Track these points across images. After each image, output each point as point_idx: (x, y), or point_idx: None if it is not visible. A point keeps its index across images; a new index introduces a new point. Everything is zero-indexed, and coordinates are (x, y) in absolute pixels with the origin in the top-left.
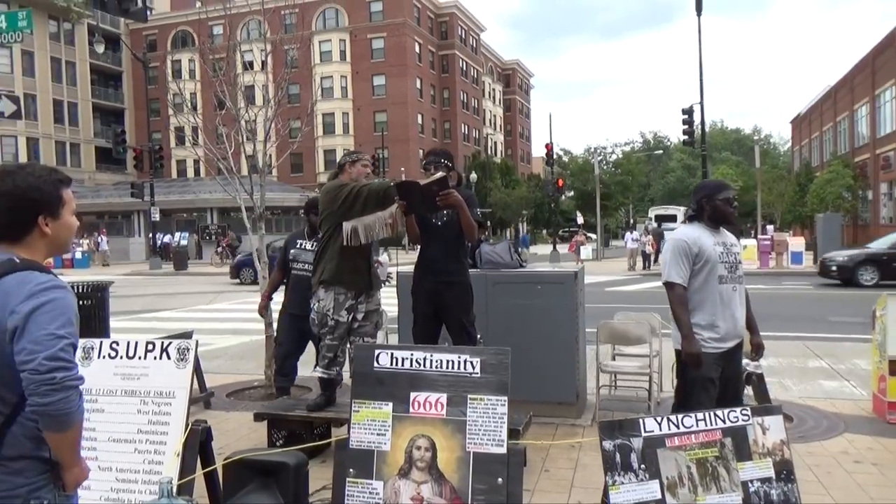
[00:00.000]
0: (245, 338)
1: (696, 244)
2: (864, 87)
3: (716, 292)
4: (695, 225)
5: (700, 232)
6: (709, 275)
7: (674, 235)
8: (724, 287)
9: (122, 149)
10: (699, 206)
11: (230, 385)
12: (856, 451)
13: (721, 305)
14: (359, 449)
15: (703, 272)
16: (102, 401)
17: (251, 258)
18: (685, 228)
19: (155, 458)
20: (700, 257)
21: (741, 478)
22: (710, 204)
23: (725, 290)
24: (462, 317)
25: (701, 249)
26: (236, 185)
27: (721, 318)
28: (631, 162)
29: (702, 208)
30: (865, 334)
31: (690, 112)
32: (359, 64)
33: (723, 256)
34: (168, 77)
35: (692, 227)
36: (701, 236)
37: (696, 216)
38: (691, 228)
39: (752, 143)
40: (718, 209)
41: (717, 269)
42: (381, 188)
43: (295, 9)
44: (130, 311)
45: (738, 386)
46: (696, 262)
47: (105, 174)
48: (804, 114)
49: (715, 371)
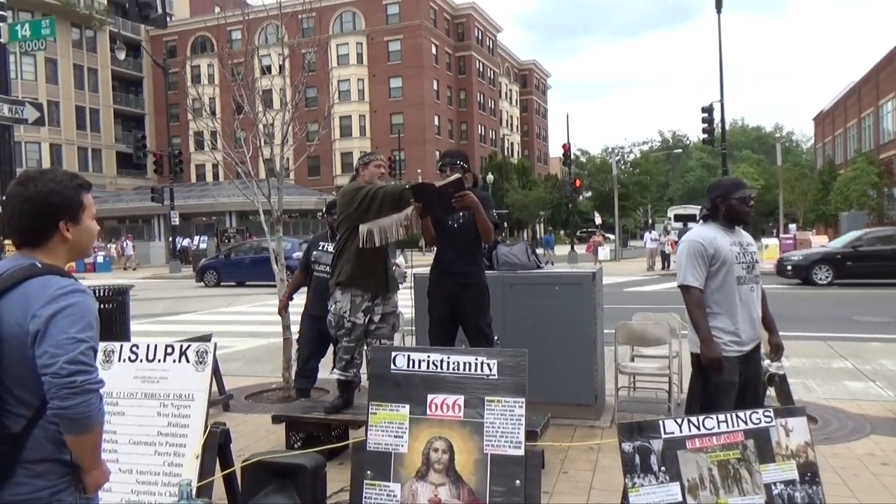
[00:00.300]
0: (263, 340)
1: (711, 245)
2: (890, 82)
3: (734, 294)
4: (710, 225)
5: (715, 232)
6: (726, 276)
7: (688, 237)
8: (742, 288)
9: (143, 154)
10: (714, 206)
11: (248, 387)
12: (882, 452)
13: (740, 307)
14: (376, 451)
15: (721, 273)
16: (123, 403)
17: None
18: (700, 229)
19: (174, 461)
20: (716, 258)
21: (764, 480)
22: (725, 203)
23: (744, 291)
24: (479, 319)
25: (717, 250)
26: (254, 188)
27: (740, 321)
28: (649, 161)
29: (717, 208)
30: (891, 334)
31: (710, 110)
32: (375, 66)
33: (739, 257)
34: (187, 82)
35: (707, 228)
36: (716, 237)
37: (710, 216)
38: (706, 229)
39: (774, 141)
40: (734, 208)
41: (735, 269)
42: (397, 190)
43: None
44: (151, 314)
45: (758, 388)
46: (713, 264)
47: (126, 179)
48: (827, 110)
49: (735, 375)
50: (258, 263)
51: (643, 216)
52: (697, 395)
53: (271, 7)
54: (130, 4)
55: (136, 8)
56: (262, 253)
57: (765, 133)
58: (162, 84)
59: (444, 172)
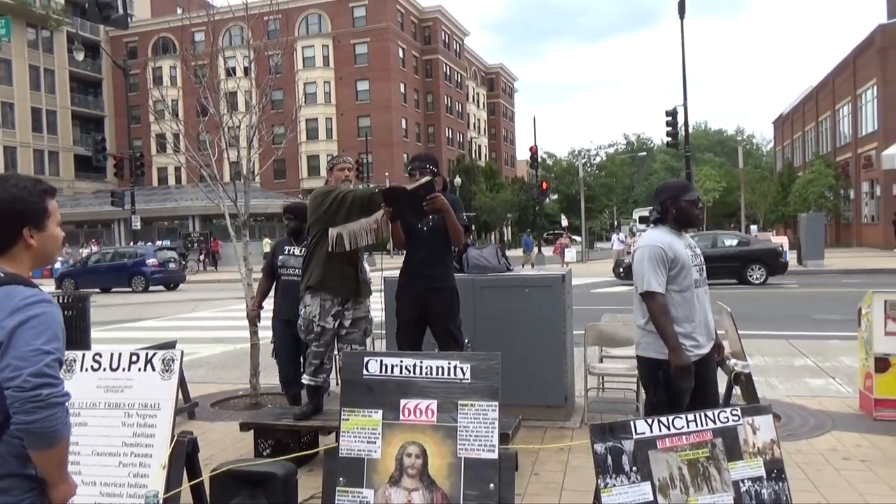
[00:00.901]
0: (228, 346)
1: (671, 249)
2: (846, 87)
3: (693, 297)
4: (662, 229)
5: (671, 236)
6: (685, 280)
7: (647, 242)
8: (698, 291)
9: (103, 157)
10: (664, 209)
11: (214, 395)
12: (843, 447)
13: (697, 310)
14: (349, 457)
15: (679, 277)
16: (85, 414)
17: (74, 269)
18: (655, 234)
19: (140, 471)
20: (676, 262)
21: (732, 477)
22: (675, 206)
23: (700, 294)
24: (449, 322)
25: (676, 255)
26: (220, 191)
27: (698, 324)
28: (615, 164)
29: (667, 210)
30: (850, 332)
31: (674, 114)
32: (342, 69)
33: (693, 259)
34: (149, 84)
35: (662, 232)
36: (673, 241)
37: (661, 219)
38: (661, 233)
39: (736, 144)
40: (684, 211)
41: (692, 273)
42: (366, 195)
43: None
44: (112, 321)
45: (713, 389)
46: (672, 268)
47: (85, 182)
48: (786, 114)
49: (693, 379)
50: (115, 270)
51: (609, 218)
52: (658, 403)
53: (237, 8)
54: (90, 5)
55: (95, 8)
56: (119, 260)
57: (727, 136)
58: (122, 86)
59: (413, 176)
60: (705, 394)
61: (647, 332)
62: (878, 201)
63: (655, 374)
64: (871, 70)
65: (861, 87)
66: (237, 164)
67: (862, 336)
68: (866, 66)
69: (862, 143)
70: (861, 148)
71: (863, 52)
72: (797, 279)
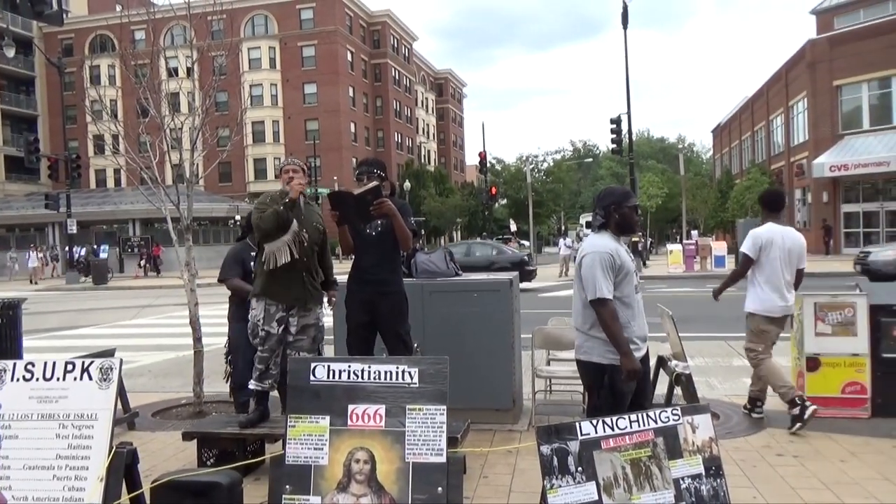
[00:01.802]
0: (170, 354)
1: (618, 255)
2: (779, 98)
3: (634, 301)
4: (605, 234)
5: (616, 243)
6: (628, 285)
7: (594, 248)
8: (638, 296)
9: (36, 158)
10: (607, 214)
11: (156, 404)
12: (777, 444)
13: (638, 313)
14: (295, 464)
15: (624, 283)
16: (16, 426)
17: None
18: (600, 239)
19: (76, 485)
20: (623, 268)
21: (673, 475)
22: (618, 211)
23: (640, 298)
24: (398, 326)
25: (623, 261)
26: (161, 195)
27: (638, 327)
28: (562, 170)
29: (610, 216)
30: (784, 333)
31: (618, 121)
32: (289, 71)
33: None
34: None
35: (606, 238)
36: (618, 247)
37: (605, 224)
38: (606, 239)
39: (677, 152)
40: (626, 217)
41: (634, 278)
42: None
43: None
44: (45, 328)
45: (647, 384)
46: (618, 274)
47: (16, 184)
48: (724, 123)
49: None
50: None
51: (556, 223)
52: (600, 405)
53: (178, 7)
54: (22, 0)
55: (28, 3)
56: None
57: (668, 144)
58: (57, 84)
59: (360, 181)
60: (643, 389)
61: (591, 337)
62: (810, 208)
63: (600, 377)
64: (802, 83)
65: (793, 99)
66: (180, 167)
67: (794, 337)
68: (797, 79)
69: (795, 152)
70: (794, 157)
71: (794, 65)
72: None
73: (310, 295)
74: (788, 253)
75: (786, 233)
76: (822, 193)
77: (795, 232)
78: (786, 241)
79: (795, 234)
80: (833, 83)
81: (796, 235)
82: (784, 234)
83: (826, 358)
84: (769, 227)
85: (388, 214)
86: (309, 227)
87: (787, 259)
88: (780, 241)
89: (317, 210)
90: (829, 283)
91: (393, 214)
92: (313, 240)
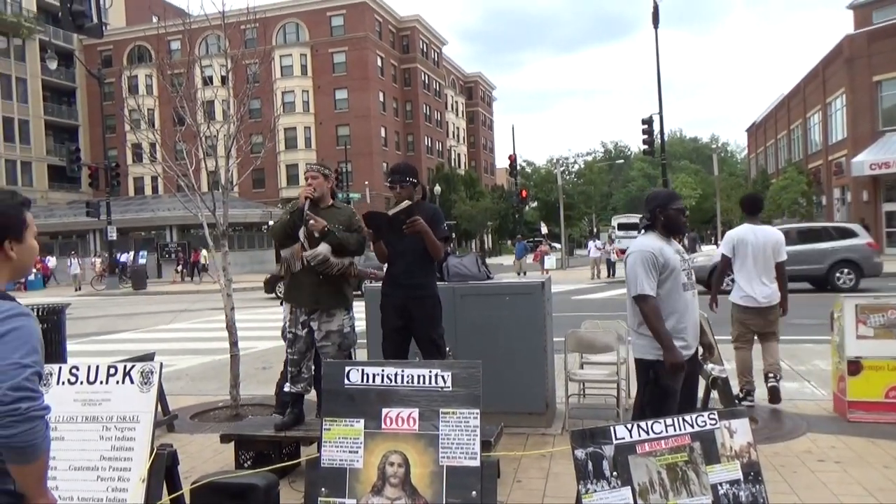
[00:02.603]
0: (206, 358)
1: (661, 254)
2: (816, 95)
3: (681, 300)
4: (651, 235)
5: (660, 242)
6: (674, 283)
7: (638, 248)
8: (687, 294)
9: (77, 167)
10: (653, 216)
11: (194, 406)
12: (819, 449)
13: (686, 312)
14: (331, 467)
15: (669, 281)
16: (62, 428)
17: None
18: (646, 240)
19: (119, 486)
20: (666, 267)
21: (710, 481)
22: (664, 213)
23: (688, 297)
24: (431, 331)
25: (666, 259)
26: (198, 201)
27: (686, 325)
28: (593, 172)
29: (656, 218)
30: (822, 335)
31: (650, 122)
32: (320, 78)
33: (682, 264)
34: (125, 93)
35: (652, 238)
36: (663, 246)
37: (651, 226)
38: (651, 239)
39: (710, 152)
40: (672, 218)
41: (681, 276)
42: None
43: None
44: (87, 333)
45: (695, 386)
46: (663, 272)
47: (59, 193)
48: (759, 122)
49: (682, 379)
50: None
51: (588, 225)
52: (647, 402)
53: (213, 16)
54: (63, 13)
55: (69, 17)
56: None
57: (702, 144)
58: (97, 95)
59: (393, 188)
60: (691, 391)
61: (640, 335)
62: (849, 207)
63: (646, 373)
64: (840, 79)
65: (830, 96)
66: (215, 174)
67: (835, 340)
68: (835, 75)
69: (833, 150)
70: (832, 155)
71: (831, 61)
72: None
73: (331, 299)
74: (763, 248)
75: (758, 230)
76: (861, 192)
77: (770, 229)
78: (758, 238)
79: (769, 231)
80: (872, 79)
81: (770, 231)
82: (756, 232)
83: (868, 361)
84: (743, 227)
85: (420, 232)
86: None
87: (763, 254)
88: (752, 238)
89: (344, 211)
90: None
91: (424, 232)
92: None
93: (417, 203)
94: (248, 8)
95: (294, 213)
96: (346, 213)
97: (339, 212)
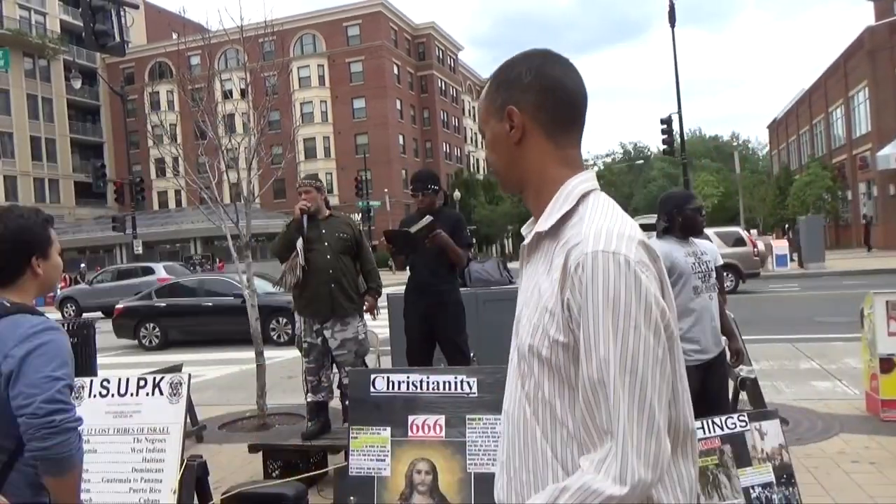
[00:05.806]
0: (234, 368)
1: (668, 259)
2: (838, 89)
3: (692, 305)
4: (665, 239)
5: (671, 246)
6: (683, 288)
7: None
8: (699, 298)
9: (103, 183)
10: (670, 218)
11: (222, 417)
12: (852, 450)
13: (698, 317)
14: (359, 476)
15: (677, 286)
16: (95, 440)
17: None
18: (655, 243)
19: (151, 497)
20: (672, 271)
21: (742, 484)
22: (680, 214)
23: (702, 301)
24: (455, 336)
25: (673, 264)
26: (221, 213)
27: (699, 330)
28: (613, 173)
29: (673, 219)
30: (852, 333)
31: (669, 121)
32: (338, 88)
33: (695, 267)
34: (147, 109)
35: (662, 242)
36: (672, 250)
37: (669, 228)
38: (661, 243)
39: (732, 150)
40: (688, 219)
41: (691, 280)
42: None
43: (273, 36)
44: (116, 346)
45: (722, 395)
46: (669, 276)
47: (85, 209)
48: (780, 118)
49: (695, 383)
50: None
51: None
52: None
53: (232, 31)
54: (87, 33)
55: (92, 36)
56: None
57: (722, 142)
58: (120, 111)
59: (416, 196)
60: (717, 399)
61: None
62: (876, 201)
63: None
64: (862, 72)
65: (853, 89)
66: (237, 186)
67: (866, 337)
68: (857, 68)
69: (856, 145)
70: (856, 149)
71: (853, 54)
72: (798, 282)
73: (341, 307)
74: None
75: None
76: (888, 186)
77: None
78: None
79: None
80: (895, 70)
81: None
82: None
83: None
84: None
85: (441, 246)
86: (330, 239)
87: None
88: None
89: (345, 220)
90: None
91: (445, 245)
92: (336, 250)
93: (440, 210)
94: (265, 21)
95: (291, 225)
96: (345, 221)
97: (339, 220)
